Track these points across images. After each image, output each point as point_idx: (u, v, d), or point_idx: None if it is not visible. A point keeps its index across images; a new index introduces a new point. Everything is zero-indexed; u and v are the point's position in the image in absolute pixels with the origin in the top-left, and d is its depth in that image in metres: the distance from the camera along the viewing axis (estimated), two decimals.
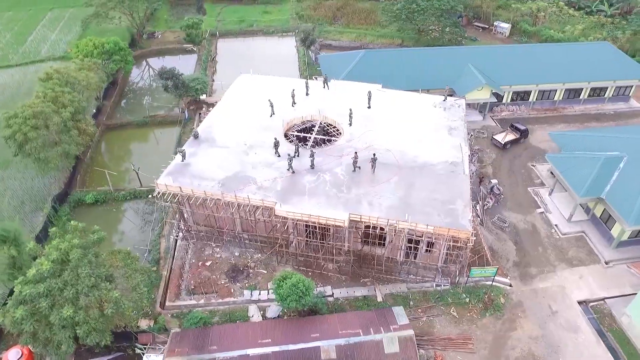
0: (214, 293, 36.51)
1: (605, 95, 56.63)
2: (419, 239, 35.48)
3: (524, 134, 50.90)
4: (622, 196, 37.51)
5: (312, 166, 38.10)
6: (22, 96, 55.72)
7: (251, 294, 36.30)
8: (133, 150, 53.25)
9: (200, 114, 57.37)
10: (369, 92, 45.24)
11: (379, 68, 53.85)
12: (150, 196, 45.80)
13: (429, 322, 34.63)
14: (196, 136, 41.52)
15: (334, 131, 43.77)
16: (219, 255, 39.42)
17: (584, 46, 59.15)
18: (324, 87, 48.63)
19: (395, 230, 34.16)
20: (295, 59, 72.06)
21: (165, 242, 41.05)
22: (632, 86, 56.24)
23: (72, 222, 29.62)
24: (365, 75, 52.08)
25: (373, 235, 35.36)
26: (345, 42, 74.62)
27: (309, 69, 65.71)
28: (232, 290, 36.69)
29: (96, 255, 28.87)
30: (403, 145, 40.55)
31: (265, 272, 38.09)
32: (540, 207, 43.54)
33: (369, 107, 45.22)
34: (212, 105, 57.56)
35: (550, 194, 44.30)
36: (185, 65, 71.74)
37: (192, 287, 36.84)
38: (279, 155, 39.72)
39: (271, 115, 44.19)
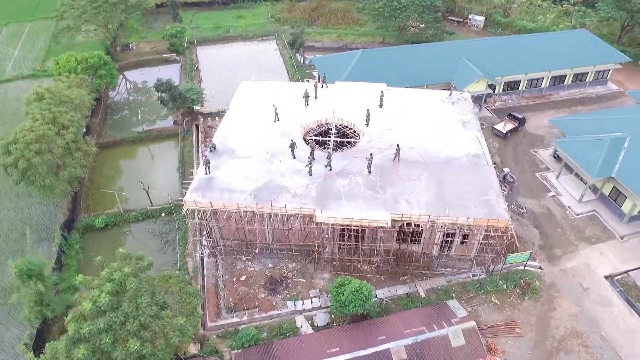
0: (255, 308, 35.60)
1: (587, 80, 59.98)
2: (454, 232, 36.22)
3: (521, 122, 52.99)
4: (631, 173, 39.88)
5: (330, 168, 38.01)
6: None
7: (294, 304, 35.71)
8: (133, 168, 50.78)
9: (197, 125, 55.64)
10: (381, 92, 45.54)
11: (377, 67, 54.32)
12: (162, 215, 44.43)
13: (473, 312, 35.37)
14: (214, 148, 40.25)
15: (350, 133, 43.76)
16: (252, 269, 38.45)
17: (565, 34, 62.34)
18: (322, 87, 48.27)
19: (435, 225, 34.67)
20: (281, 62, 71.33)
21: (192, 261, 39.58)
22: (609, 70, 59.83)
23: (120, 249, 28.00)
24: (365, 75, 52.42)
25: (409, 233, 35.76)
26: (328, 43, 74.62)
27: (299, 72, 65.22)
28: (274, 303, 35.93)
29: (148, 282, 27.45)
30: (424, 142, 41.17)
31: (304, 280, 37.57)
32: (551, 191, 45.51)
33: (381, 107, 45.53)
34: (208, 115, 56.42)
35: (557, 177, 46.40)
36: (168, 76, 69.04)
37: (232, 304, 35.75)
38: (295, 157, 39.39)
39: (274, 121, 43.56)
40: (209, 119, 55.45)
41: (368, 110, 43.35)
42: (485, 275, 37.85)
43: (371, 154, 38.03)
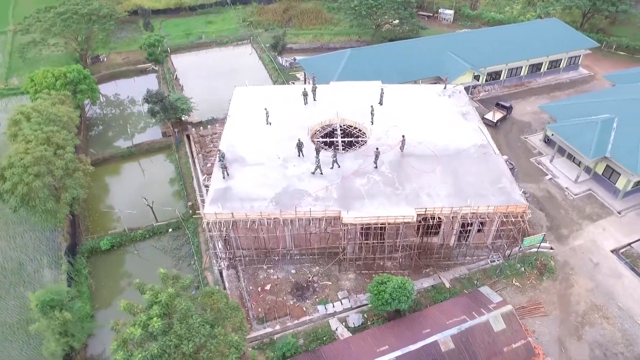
0: (286, 315, 35.08)
1: (560, 67, 63.02)
2: (472, 221, 37.13)
3: (509, 110, 55.01)
4: (624, 152, 42.31)
5: (338, 166, 38.14)
6: None
7: (325, 308, 35.48)
8: (129, 185, 48.62)
9: (188, 135, 54.03)
10: (381, 89, 45.95)
11: (367, 65, 54.79)
12: (170, 230, 42.97)
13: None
14: (223, 157, 39.20)
15: (356, 132, 43.89)
16: (275, 277, 37.83)
17: (538, 24, 65.13)
18: (313, 87, 48.07)
19: (457, 216, 35.43)
20: (261, 66, 70.52)
21: (211, 275, 38.47)
22: (580, 55, 63.16)
23: (161, 270, 26.81)
24: (356, 74, 52.77)
25: (429, 226, 36.34)
26: (305, 44, 74.46)
27: (283, 75, 64.70)
28: (304, 309, 35.54)
29: (192, 301, 26.47)
30: (430, 136, 41.90)
31: (330, 283, 37.37)
32: (547, 174, 47.52)
33: (381, 104, 45.93)
34: (198, 124, 54.92)
35: (551, 160, 48.52)
36: (145, 87, 66.91)
37: (262, 314, 35.04)
38: (303, 155, 39.32)
39: (266, 124, 43.12)
40: (201, 127, 54.03)
41: (372, 106, 43.60)
42: (502, 260, 39.04)
43: (377, 148, 38.31)
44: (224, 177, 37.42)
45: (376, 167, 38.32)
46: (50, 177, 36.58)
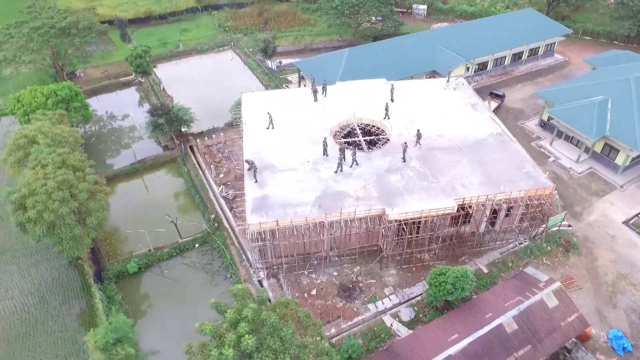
0: (339, 318, 35.06)
1: (539, 54, 66.51)
2: (502, 206, 38.66)
3: (502, 99, 57.45)
4: (622, 130, 45.40)
5: (357, 164, 38.66)
6: None
7: (375, 306, 35.79)
8: (140, 202, 46.54)
9: (191, 147, 52.47)
10: (392, 85, 46.68)
11: (366, 63, 55.47)
12: (196, 245, 41.77)
13: None
14: (250, 165, 38.47)
15: (374, 130, 44.39)
16: (319, 281, 37.67)
17: (516, 14, 68.23)
18: (323, 86, 48.29)
19: (493, 203, 36.77)
20: (247, 71, 69.52)
21: (252, 287, 37.68)
22: (555, 43, 66.95)
23: (238, 286, 26.07)
24: (357, 73, 53.38)
25: (463, 215, 37.49)
26: (288, 47, 74.06)
27: (275, 79, 64.14)
28: (355, 309, 35.66)
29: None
30: (448, 129, 43.09)
31: (374, 280, 37.70)
32: (550, 157, 50.13)
33: (392, 100, 46.68)
34: (199, 135, 53.39)
35: (551, 143, 51.23)
36: (131, 100, 64.60)
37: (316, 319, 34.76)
38: (327, 155, 39.55)
39: (267, 128, 42.95)
40: (206, 138, 52.63)
41: (387, 103, 44.31)
42: (529, 241, 40.90)
43: (405, 143, 39.11)
44: (255, 182, 36.91)
45: (404, 160, 39.03)
46: (74, 201, 34.42)
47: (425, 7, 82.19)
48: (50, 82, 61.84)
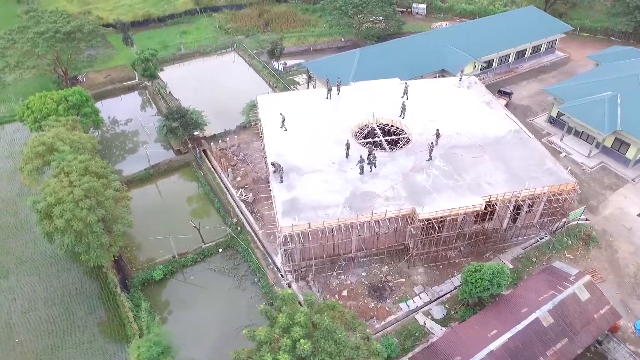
0: (372, 318, 35.20)
1: (541, 51, 67.57)
2: (523, 203, 39.21)
3: (510, 96, 58.24)
4: (632, 124, 46.45)
5: (375, 165, 38.72)
6: None
7: (407, 305, 36.02)
8: (157, 207, 45.85)
9: (204, 150, 52.02)
10: (406, 84, 46.94)
11: (377, 63, 55.65)
12: (220, 250, 41.47)
13: None
14: (276, 167, 38.35)
15: (394, 130, 44.63)
16: (348, 282, 37.74)
17: (518, 12, 69.12)
18: (337, 85, 48.33)
19: (518, 199, 37.30)
20: (252, 73, 69.21)
21: (281, 290, 37.50)
22: (556, 40, 68.10)
23: (287, 290, 25.97)
24: (369, 73, 53.51)
25: (487, 212, 37.94)
26: (293, 48, 73.78)
27: (282, 80, 63.98)
28: (387, 309, 35.85)
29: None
30: (466, 127, 43.53)
31: (403, 280, 37.94)
32: (561, 152, 50.98)
33: (407, 98, 46.92)
34: (211, 139, 52.95)
35: (561, 139, 52.13)
36: (136, 104, 63.82)
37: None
38: (348, 156, 39.67)
39: (281, 128, 42.92)
40: (220, 141, 52.21)
41: (403, 102, 44.60)
42: (550, 236, 41.58)
43: (431, 143, 39.44)
44: (280, 181, 36.95)
45: (430, 159, 39.31)
46: (101, 209, 33.88)
47: (424, 6, 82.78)
48: (53, 87, 60.93)
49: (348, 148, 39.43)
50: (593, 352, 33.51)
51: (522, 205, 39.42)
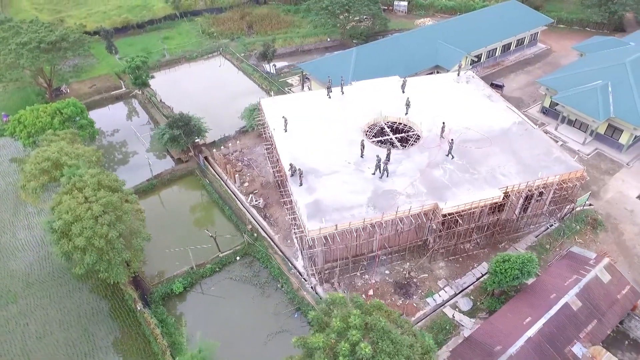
0: (402, 315, 35.20)
1: (524, 44, 69.57)
2: (534, 192, 40.28)
3: (502, 89, 59.66)
4: (624, 111, 48.36)
5: (389, 160, 38.88)
6: None
7: (433, 299, 36.40)
8: (165, 218, 44.66)
9: (206, 157, 50.97)
10: (404, 79, 47.47)
11: (374, 62, 55.93)
12: (238, 258, 40.76)
13: None
14: (294, 171, 37.99)
15: (402, 127, 44.95)
16: (373, 281, 37.80)
17: (501, 7, 70.68)
18: (329, 92, 48.26)
19: (532, 189, 38.26)
20: (241, 76, 68.32)
21: (307, 294, 37.25)
22: (538, 32, 70.25)
23: (338, 294, 25.69)
24: (367, 72, 53.77)
25: (501, 203, 38.77)
26: (280, 49, 73.05)
27: (275, 83, 63.41)
28: (415, 305, 36.11)
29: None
30: (472, 121, 44.28)
31: (426, 275, 38.30)
32: (557, 141, 52.47)
33: (403, 92, 47.46)
34: (211, 145, 51.95)
35: (556, 128, 53.82)
36: (126, 114, 62.01)
37: None
38: (363, 155, 39.82)
39: (284, 131, 42.64)
40: (222, 147, 51.30)
41: (407, 99, 44.98)
42: (559, 222, 42.86)
43: (452, 139, 39.96)
44: (300, 185, 36.65)
45: (449, 155, 39.76)
46: (121, 224, 32.68)
47: (406, 3, 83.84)
48: (37, 100, 58.49)
49: (363, 148, 39.49)
50: (615, 331, 34.67)
51: (533, 195, 40.55)
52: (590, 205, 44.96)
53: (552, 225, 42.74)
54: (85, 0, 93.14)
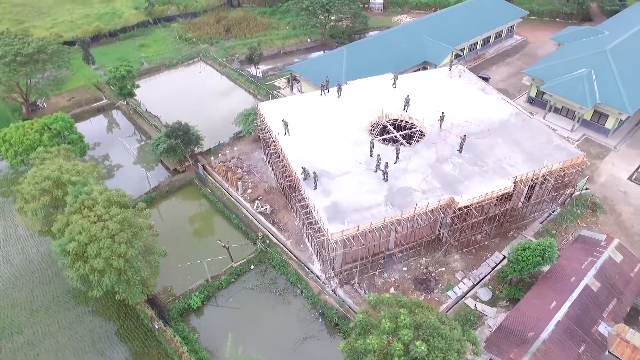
0: None
1: (502, 36, 71.48)
2: (537, 180, 41.41)
3: (488, 81, 60.95)
4: (609, 97, 50.47)
5: (398, 158, 39.33)
6: None
7: (454, 292, 36.81)
8: (170, 231, 42.92)
9: (203, 165, 49.64)
10: (395, 74, 47.99)
11: (365, 60, 56.03)
12: (252, 267, 39.92)
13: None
14: (307, 174, 37.51)
15: (404, 124, 45.21)
16: (392, 279, 37.86)
17: (479, 1, 72.02)
18: (324, 94, 48.09)
19: (539, 177, 39.30)
20: (226, 81, 66.98)
21: (329, 297, 36.87)
22: (514, 25, 72.34)
23: (385, 295, 25.46)
24: (358, 70, 53.82)
25: (510, 193, 39.68)
26: (263, 52, 72.11)
27: (263, 86, 62.51)
28: (436, 299, 36.40)
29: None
30: (471, 114, 45.02)
31: (444, 268, 38.69)
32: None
33: (395, 87, 48.06)
34: (207, 153, 50.68)
35: (544, 117, 55.53)
36: (109, 126, 59.56)
37: None
38: (372, 155, 39.85)
39: (285, 134, 42.05)
40: (219, 154, 50.09)
41: (407, 96, 45.27)
42: (560, 208, 44.25)
43: (464, 135, 40.41)
44: (315, 188, 36.29)
45: (460, 151, 40.18)
46: (138, 241, 31.35)
47: (381, 0, 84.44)
48: (14, 117, 55.47)
49: (372, 147, 39.44)
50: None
51: (537, 183, 41.68)
52: (587, 189, 46.65)
53: (554, 211, 44.06)
54: (48, 10, 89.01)
